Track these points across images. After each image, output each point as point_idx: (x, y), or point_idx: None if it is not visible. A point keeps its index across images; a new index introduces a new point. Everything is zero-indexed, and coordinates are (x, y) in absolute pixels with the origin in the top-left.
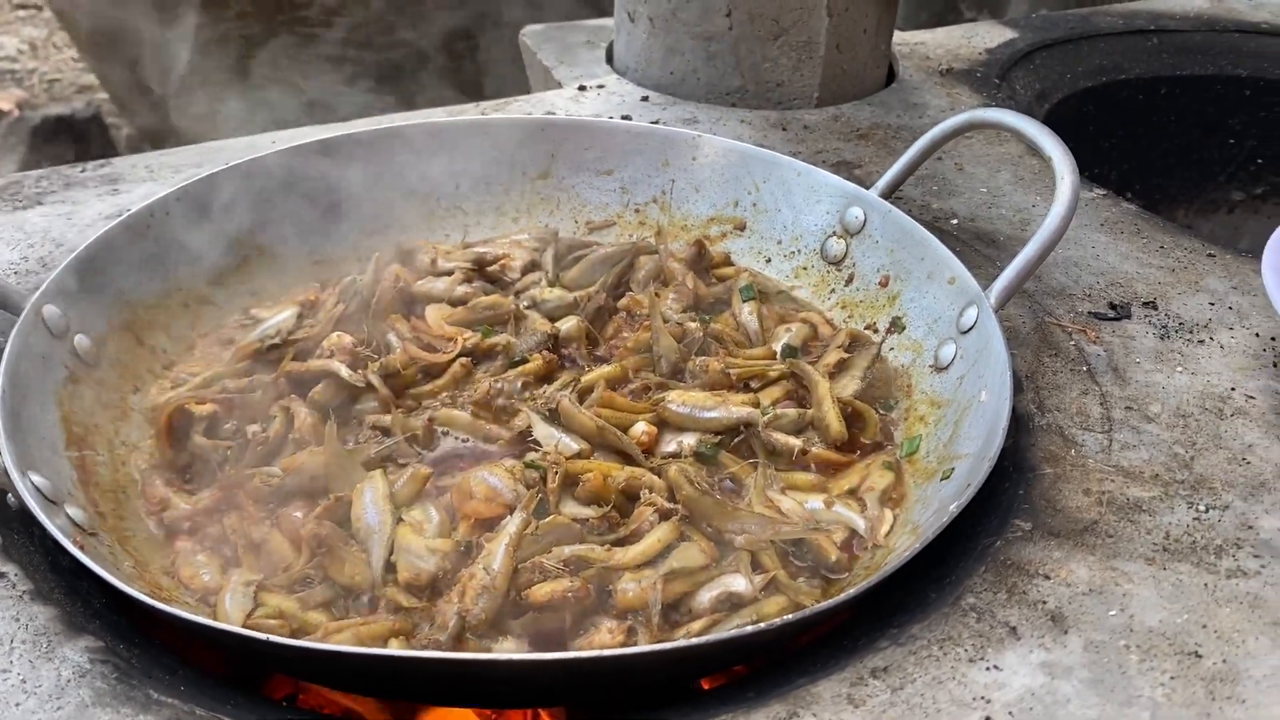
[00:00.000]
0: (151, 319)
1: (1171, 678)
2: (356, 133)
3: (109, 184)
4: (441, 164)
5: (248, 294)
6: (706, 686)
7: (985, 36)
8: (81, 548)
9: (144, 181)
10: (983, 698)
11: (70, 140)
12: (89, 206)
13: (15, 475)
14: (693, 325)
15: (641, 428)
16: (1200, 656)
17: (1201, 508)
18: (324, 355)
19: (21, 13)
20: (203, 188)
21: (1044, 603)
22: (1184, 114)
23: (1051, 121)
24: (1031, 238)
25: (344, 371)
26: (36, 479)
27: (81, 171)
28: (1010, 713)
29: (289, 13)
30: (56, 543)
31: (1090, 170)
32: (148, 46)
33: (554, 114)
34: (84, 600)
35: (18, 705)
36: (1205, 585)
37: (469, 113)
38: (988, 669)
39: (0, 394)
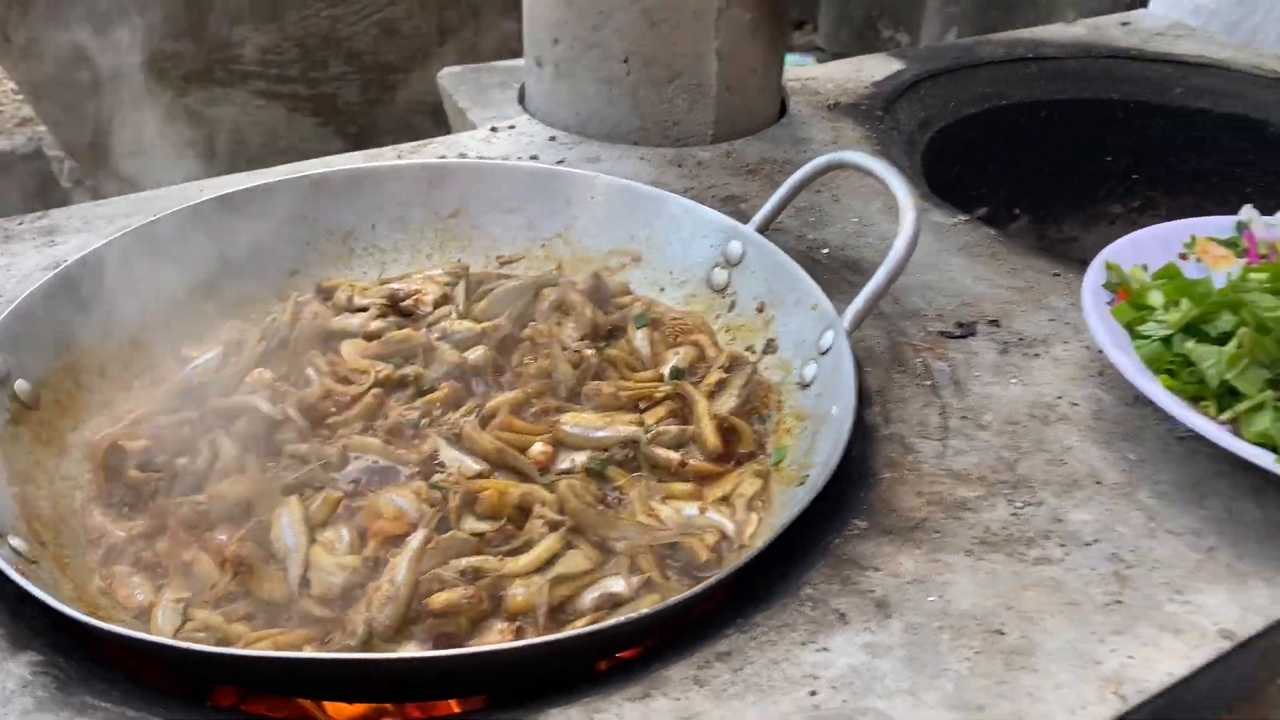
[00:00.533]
0: (88, 362)
1: (976, 652)
2: (277, 181)
3: (46, 235)
4: (359, 207)
5: (176, 335)
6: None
7: (873, 70)
8: (24, 574)
9: (79, 233)
10: (811, 675)
11: (10, 175)
12: (27, 258)
13: None
14: (589, 352)
15: (539, 448)
16: (1003, 634)
17: (1019, 504)
18: (247, 391)
19: None
20: (133, 240)
21: (872, 592)
22: (1064, 135)
23: (936, 147)
24: (879, 268)
25: (264, 406)
26: None
27: (19, 224)
28: (834, 686)
29: (224, 50)
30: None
31: (979, 190)
32: (85, 84)
33: (466, 155)
34: (27, 622)
35: None
36: (1014, 573)
37: (386, 156)
38: (818, 650)
39: None
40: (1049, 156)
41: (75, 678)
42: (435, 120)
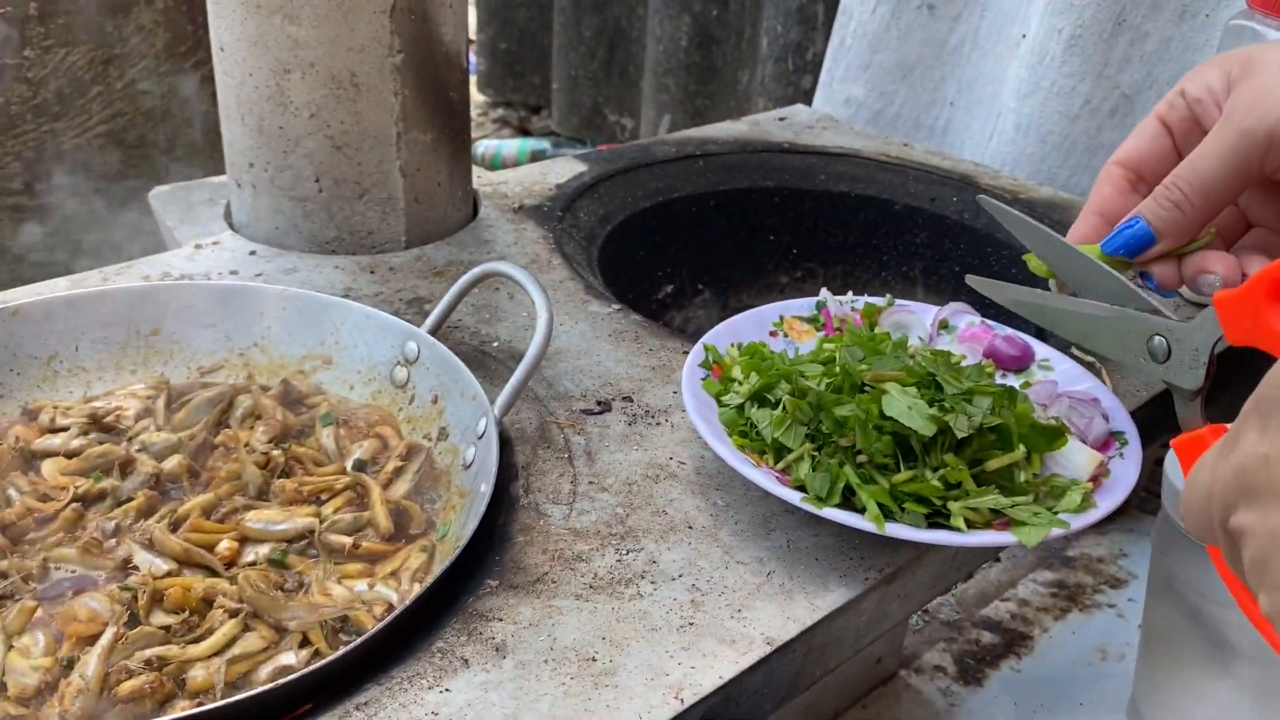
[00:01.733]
0: None
1: (571, 678)
2: None
3: None
4: (60, 331)
5: None
6: None
7: (558, 172)
8: None
9: None
10: (433, 712)
11: None
12: None
13: None
14: (276, 452)
15: (225, 544)
16: (595, 660)
17: (624, 552)
18: None
19: None
20: None
21: (494, 638)
22: (731, 219)
23: (616, 237)
24: (521, 362)
25: None
26: None
27: None
28: (450, 718)
29: None
30: None
31: (664, 270)
32: None
33: (170, 273)
34: None
35: None
36: (612, 609)
37: (91, 280)
38: (441, 692)
39: None
40: (722, 239)
41: None
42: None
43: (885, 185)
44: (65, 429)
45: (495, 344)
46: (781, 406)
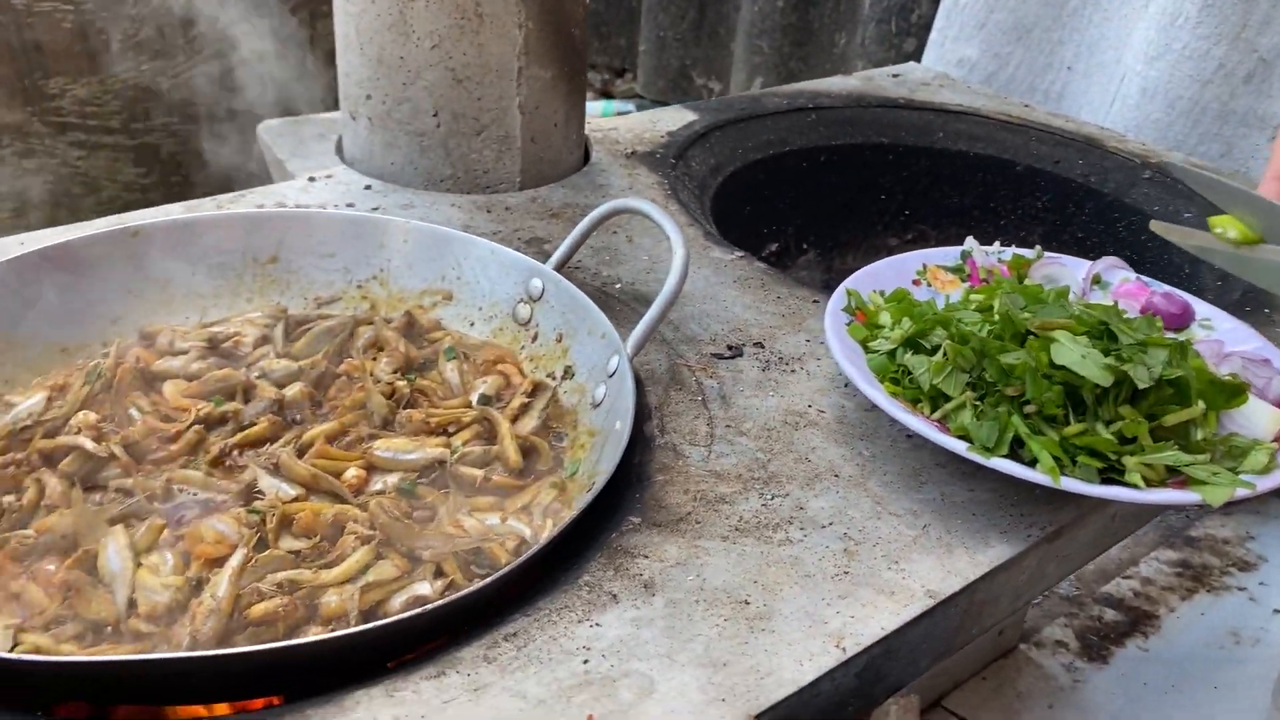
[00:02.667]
0: None
1: (725, 620)
2: (98, 233)
3: None
4: (179, 256)
5: (1, 383)
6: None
7: (668, 121)
8: None
9: None
10: (585, 646)
11: None
12: None
13: None
14: (401, 384)
15: (352, 472)
16: (748, 603)
17: (769, 497)
18: (72, 432)
19: None
20: None
21: (641, 575)
22: (842, 176)
23: (727, 190)
24: (655, 301)
25: (89, 444)
26: None
27: None
28: (603, 655)
29: (39, 103)
30: None
31: (769, 228)
32: None
33: (284, 204)
34: None
35: None
36: (761, 553)
37: (206, 207)
38: (591, 626)
39: None
40: (831, 196)
41: None
42: (259, 170)
43: (1006, 145)
44: (184, 352)
45: (617, 285)
46: (942, 352)
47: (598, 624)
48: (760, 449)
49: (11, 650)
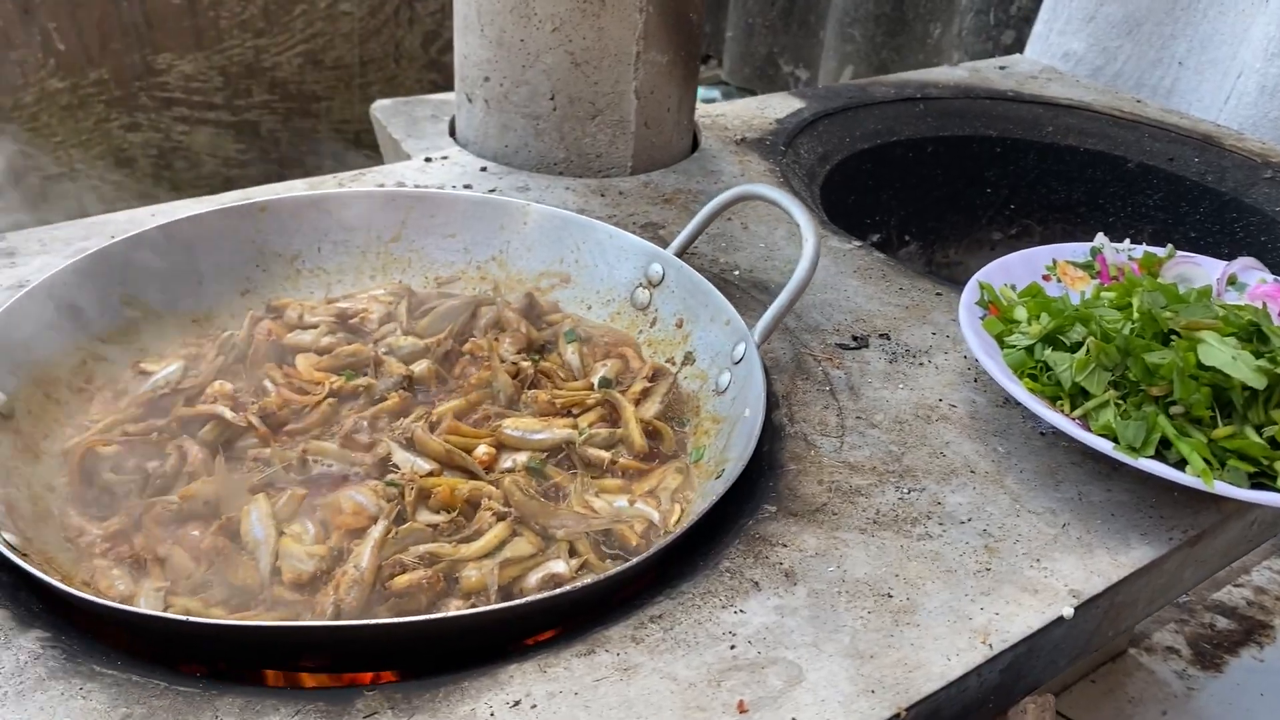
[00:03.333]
0: (55, 375)
1: (869, 612)
2: (228, 208)
3: (7, 256)
4: (305, 231)
5: (136, 351)
6: (530, 643)
7: (776, 107)
8: (22, 560)
9: (39, 254)
10: (730, 632)
11: None
12: None
13: None
14: (526, 364)
15: (483, 449)
16: (891, 596)
17: (905, 490)
18: (209, 401)
19: None
20: (94, 261)
21: (781, 564)
22: (948, 168)
23: (834, 179)
24: (784, 289)
25: (228, 413)
26: None
27: None
28: (749, 641)
29: (146, 79)
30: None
31: (872, 218)
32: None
33: (404, 184)
34: (25, 606)
35: None
36: (901, 547)
37: (328, 184)
38: (736, 612)
39: None
40: (935, 188)
41: (80, 651)
42: (356, 148)
43: (1118, 141)
44: (313, 326)
45: (735, 272)
46: (1085, 349)
47: (741, 610)
48: (893, 442)
49: (164, 611)
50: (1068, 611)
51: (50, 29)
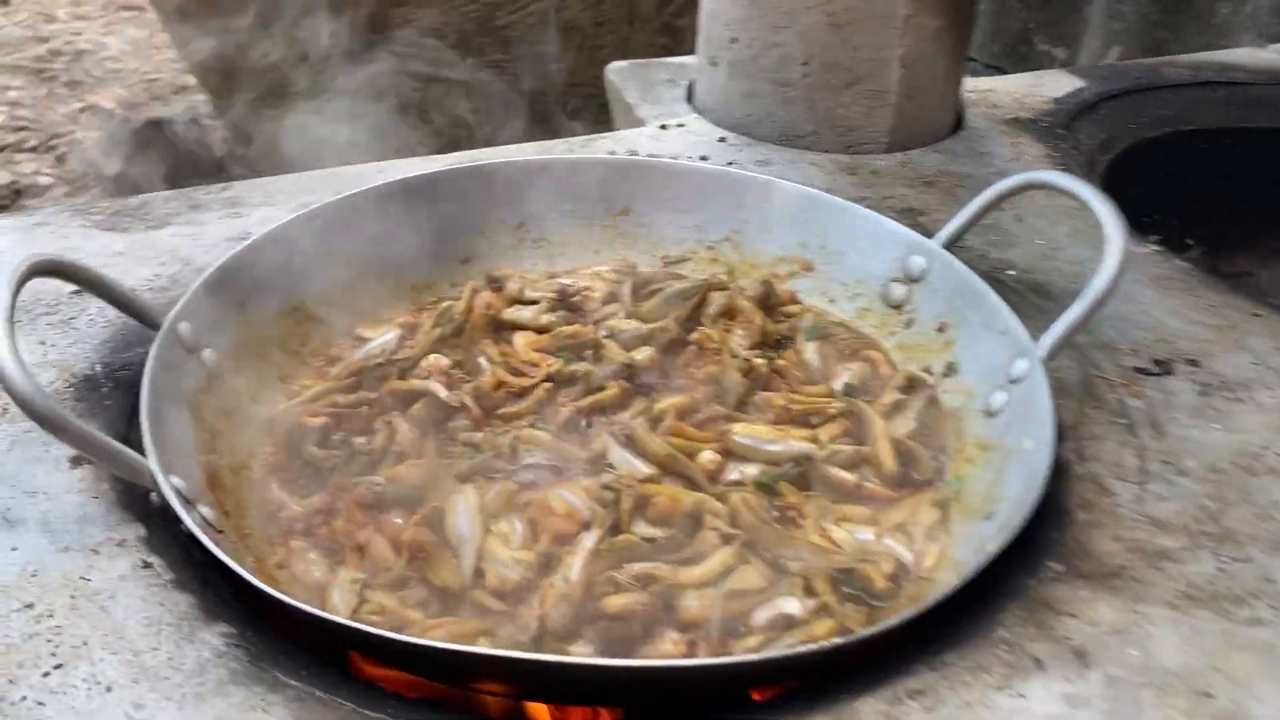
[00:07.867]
0: (268, 335)
1: (1183, 714)
2: (452, 169)
3: (230, 207)
4: (531, 199)
5: (352, 314)
6: (757, 698)
7: (1053, 85)
8: (216, 544)
9: (262, 206)
10: None
11: (168, 143)
12: (212, 228)
13: (160, 477)
14: (759, 361)
15: (709, 456)
16: (1212, 696)
17: (1225, 559)
18: (423, 375)
19: (125, 14)
20: (317, 218)
21: (1070, 639)
22: (1249, 165)
23: (1114, 170)
24: (1080, 296)
25: (442, 392)
26: (176, 481)
27: (205, 194)
28: None
29: (384, 31)
30: (191, 537)
31: (1151, 216)
32: (244, 55)
33: (636, 152)
34: (214, 590)
35: (166, 679)
36: (1223, 631)
37: (557, 149)
38: (1013, 696)
39: (145, 404)
40: (1230, 187)
41: (264, 652)
42: (584, 112)
43: None
44: (534, 302)
45: (1010, 272)
46: None
47: (1021, 695)
48: (1208, 495)
49: (359, 608)
50: None
51: None
